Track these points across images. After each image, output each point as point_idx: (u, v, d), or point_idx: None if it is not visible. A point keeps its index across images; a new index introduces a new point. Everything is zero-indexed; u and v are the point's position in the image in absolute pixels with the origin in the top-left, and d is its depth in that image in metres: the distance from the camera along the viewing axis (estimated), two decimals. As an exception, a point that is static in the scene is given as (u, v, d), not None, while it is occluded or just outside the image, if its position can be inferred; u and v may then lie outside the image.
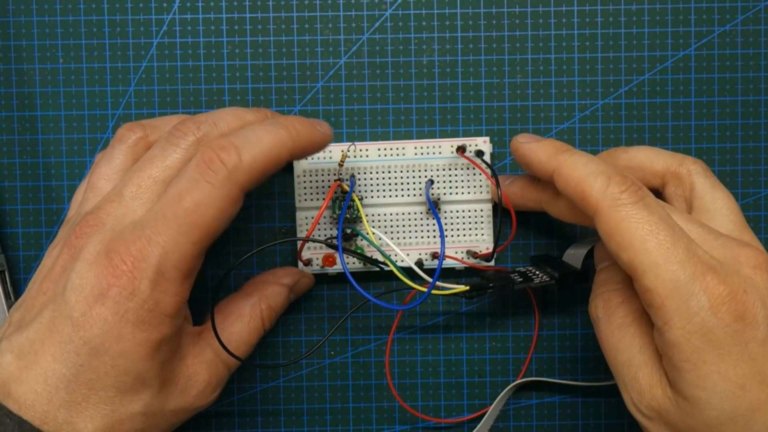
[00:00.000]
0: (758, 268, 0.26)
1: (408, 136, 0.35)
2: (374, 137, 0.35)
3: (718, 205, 0.29)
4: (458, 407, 0.36)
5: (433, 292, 0.29)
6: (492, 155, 0.34)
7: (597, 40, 0.35)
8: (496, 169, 0.34)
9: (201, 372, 0.29)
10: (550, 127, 0.35)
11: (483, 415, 0.35)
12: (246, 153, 0.26)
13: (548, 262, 0.34)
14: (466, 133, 0.35)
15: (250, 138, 0.27)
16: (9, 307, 0.34)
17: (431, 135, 0.35)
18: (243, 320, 0.31)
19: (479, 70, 0.35)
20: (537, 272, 0.33)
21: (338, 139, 0.35)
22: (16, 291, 0.35)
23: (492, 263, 0.34)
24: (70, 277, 0.26)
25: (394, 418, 0.36)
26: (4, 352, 0.26)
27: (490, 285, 0.31)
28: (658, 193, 0.31)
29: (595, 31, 0.35)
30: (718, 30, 0.35)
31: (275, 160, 0.27)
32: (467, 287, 0.30)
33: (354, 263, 0.34)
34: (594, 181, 0.27)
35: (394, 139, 0.35)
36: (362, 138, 0.35)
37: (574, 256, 0.33)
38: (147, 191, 0.27)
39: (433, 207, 0.33)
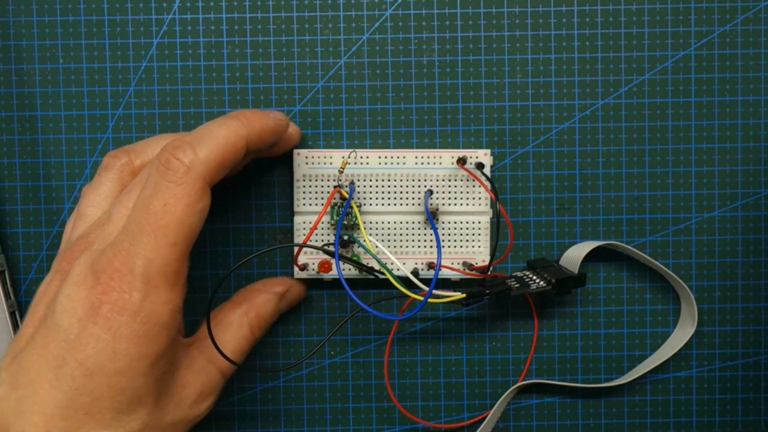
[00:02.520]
0: None
1: (408, 136, 0.35)
2: (374, 137, 0.35)
3: None
4: (458, 407, 0.36)
5: (430, 300, 0.29)
6: (493, 160, 0.34)
7: (597, 40, 0.35)
8: (495, 183, 0.34)
9: (193, 381, 0.29)
10: (550, 127, 0.35)
11: (483, 418, 0.35)
12: (201, 148, 0.26)
13: (545, 267, 0.34)
14: (466, 134, 0.35)
15: (203, 133, 0.27)
16: (9, 306, 0.34)
17: (431, 135, 0.35)
18: (232, 329, 0.31)
19: (479, 70, 0.35)
20: (534, 277, 0.33)
21: (338, 139, 0.35)
22: (16, 291, 0.35)
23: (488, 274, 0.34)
24: (59, 300, 0.26)
25: (394, 418, 0.36)
26: (3, 384, 0.26)
27: (487, 292, 0.31)
28: None
29: (595, 31, 0.35)
30: (718, 30, 0.35)
31: (231, 149, 0.27)
32: (463, 295, 0.30)
33: (350, 269, 0.34)
34: None
35: (394, 138, 0.35)
36: (362, 138, 0.35)
37: (572, 260, 0.33)
38: None
39: (431, 218, 0.33)
